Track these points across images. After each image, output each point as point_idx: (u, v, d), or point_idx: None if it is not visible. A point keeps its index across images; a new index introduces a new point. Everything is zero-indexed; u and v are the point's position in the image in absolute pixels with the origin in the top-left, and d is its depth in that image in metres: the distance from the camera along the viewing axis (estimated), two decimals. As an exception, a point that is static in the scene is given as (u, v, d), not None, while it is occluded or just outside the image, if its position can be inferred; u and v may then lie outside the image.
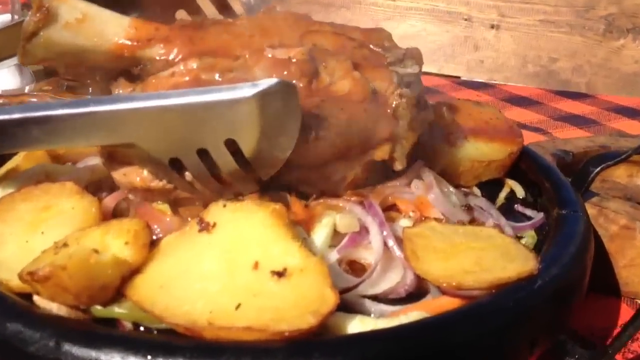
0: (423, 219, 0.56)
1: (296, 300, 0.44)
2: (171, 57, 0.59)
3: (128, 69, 0.61)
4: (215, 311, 0.43)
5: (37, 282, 0.43)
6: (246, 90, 0.49)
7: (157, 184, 0.56)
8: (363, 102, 0.58)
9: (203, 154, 0.53)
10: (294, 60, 0.58)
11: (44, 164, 0.64)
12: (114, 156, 0.57)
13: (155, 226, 0.58)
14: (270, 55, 0.59)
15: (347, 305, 0.49)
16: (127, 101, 0.51)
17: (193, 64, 0.58)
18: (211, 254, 0.48)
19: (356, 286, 0.50)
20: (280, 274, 0.46)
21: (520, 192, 0.69)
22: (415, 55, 0.64)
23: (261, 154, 0.53)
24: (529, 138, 1.06)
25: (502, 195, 0.70)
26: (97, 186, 0.63)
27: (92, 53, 0.59)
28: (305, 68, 0.58)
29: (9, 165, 0.66)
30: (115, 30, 0.58)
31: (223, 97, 0.50)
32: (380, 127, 0.58)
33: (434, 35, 2.06)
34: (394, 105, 0.58)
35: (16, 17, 1.21)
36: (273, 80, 0.50)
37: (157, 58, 0.59)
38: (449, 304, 0.49)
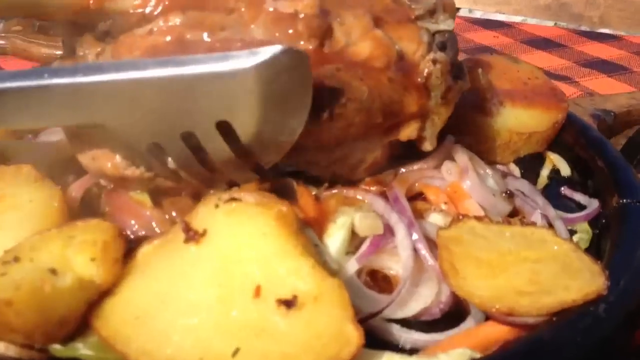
0: (460, 217, 0.46)
1: (309, 342, 0.35)
2: (148, 10, 0.48)
3: (94, 24, 0.50)
4: (207, 358, 0.34)
5: (-24, 321, 0.34)
6: (243, 60, 0.39)
7: (132, 171, 0.47)
8: (387, 69, 0.47)
9: (189, 138, 0.43)
10: (301, 15, 0.47)
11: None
12: (80, 136, 0.47)
13: (132, 221, 0.48)
14: (271, 9, 0.48)
15: (370, 332, 0.39)
16: (92, 72, 0.41)
17: (176, 20, 0.48)
18: (200, 275, 0.38)
19: (382, 310, 0.40)
20: (288, 304, 0.36)
21: (565, 170, 0.60)
22: (447, 6, 0.53)
23: (262, 138, 0.43)
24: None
25: (544, 173, 0.60)
26: (63, 167, 0.52)
27: (48, 5, 0.48)
28: (315, 25, 0.47)
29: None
30: (77, -25, 0.47)
31: (215, 68, 0.40)
32: (408, 100, 0.48)
33: None
34: (425, 73, 0.48)
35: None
36: (277, 47, 0.39)
37: (131, 11, 0.48)
38: (497, 333, 0.40)
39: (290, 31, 0.47)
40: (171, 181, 0.48)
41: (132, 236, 0.47)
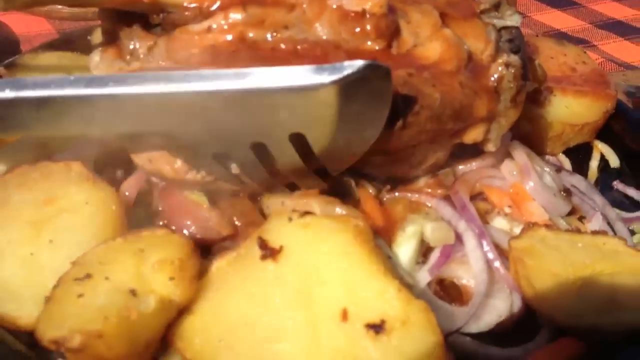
0: (528, 225, 0.46)
1: (404, 369, 0.35)
2: (205, 4, 0.46)
3: (145, 15, 0.48)
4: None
5: (67, 352, 0.33)
6: (325, 76, 0.38)
7: (193, 175, 0.46)
8: (458, 72, 0.46)
9: (259, 147, 0.42)
10: (368, 14, 0.45)
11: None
12: (136, 138, 0.45)
13: (189, 222, 0.47)
14: (335, 6, 0.46)
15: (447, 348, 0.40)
16: (160, 81, 0.39)
17: (236, 16, 0.46)
18: (282, 296, 0.38)
19: (461, 327, 0.41)
20: (377, 329, 0.37)
21: (614, 161, 0.60)
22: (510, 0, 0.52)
23: (334, 149, 0.42)
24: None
25: (593, 164, 0.61)
26: (107, 161, 0.51)
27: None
28: (383, 25, 0.46)
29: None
30: (129, -34, 0.45)
31: (295, 82, 0.38)
32: (478, 104, 0.47)
33: None
34: (496, 77, 0.47)
35: None
36: (360, 62, 0.38)
37: (186, 4, 0.46)
38: (575, 349, 0.41)
39: (358, 30, 0.46)
40: (231, 184, 0.47)
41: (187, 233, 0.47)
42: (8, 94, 0.41)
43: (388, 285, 0.39)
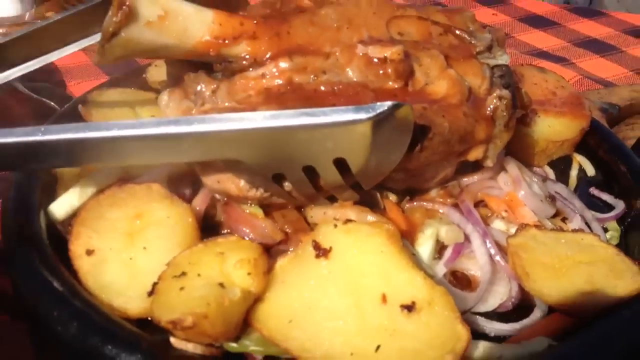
0: (522, 226, 0.56)
1: (431, 339, 0.45)
2: (258, 55, 0.56)
3: (210, 62, 0.58)
4: (356, 354, 0.44)
5: (181, 330, 0.43)
6: (363, 114, 0.48)
7: (254, 193, 0.56)
8: (462, 105, 0.56)
9: (308, 169, 0.52)
10: (389, 60, 0.56)
11: (121, 162, 0.62)
12: (209, 163, 0.56)
13: (248, 230, 0.57)
14: (361, 54, 0.57)
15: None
16: (235, 121, 0.49)
17: (284, 64, 0.56)
18: (335, 286, 0.48)
19: (472, 307, 0.51)
20: (409, 308, 0.47)
21: (590, 170, 0.70)
22: (500, 40, 0.63)
23: (368, 169, 0.52)
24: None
25: (573, 173, 0.71)
26: (176, 181, 0.61)
27: (174, 50, 0.56)
28: (401, 69, 0.56)
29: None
30: (198, 26, 0.55)
31: (338, 119, 0.48)
32: (478, 130, 0.57)
33: None
34: (492, 107, 0.57)
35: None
36: (389, 103, 0.48)
37: (242, 54, 0.56)
38: (563, 323, 0.51)
39: (381, 73, 0.56)
40: (283, 199, 0.57)
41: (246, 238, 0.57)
42: (116, 132, 0.51)
43: (415, 275, 0.49)
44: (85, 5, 0.63)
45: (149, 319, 0.48)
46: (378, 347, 0.45)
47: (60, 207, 0.59)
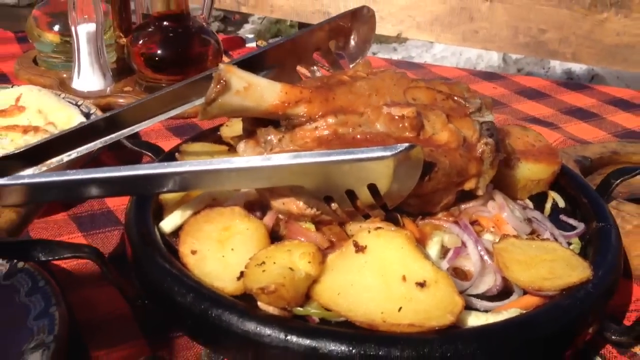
0: (502, 235, 0.75)
1: (437, 304, 0.63)
2: (313, 114, 0.76)
3: (277, 120, 0.78)
4: (385, 312, 0.62)
5: (265, 294, 0.62)
6: (388, 152, 0.67)
7: (309, 211, 0.74)
8: (458, 148, 0.76)
9: (350, 192, 0.72)
10: (406, 117, 0.76)
11: (210, 191, 0.82)
12: (276, 189, 0.75)
13: (303, 239, 0.76)
14: (386, 112, 0.77)
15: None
16: (303, 157, 0.68)
17: (331, 120, 0.76)
18: (369, 271, 0.66)
19: (466, 289, 0.69)
20: (422, 285, 0.65)
21: (561, 203, 0.88)
22: (487, 105, 0.83)
23: (392, 192, 0.71)
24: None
25: (548, 205, 0.88)
26: (250, 205, 0.81)
27: (253, 111, 0.76)
28: (414, 123, 0.76)
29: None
30: (270, 94, 0.75)
31: (371, 155, 0.68)
32: (471, 166, 0.76)
33: (432, 5, 2.21)
34: (480, 151, 0.77)
35: (100, 25, 1.33)
36: (406, 145, 0.67)
37: (301, 114, 0.76)
38: (532, 301, 0.68)
39: (400, 126, 0.76)
40: (330, 216, 0.77)
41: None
42: (217, 166, 0.71)
43: (426, 263, 0.66)
44: (186, 82, 0.85)
45: (239, 295, 0.67)
46: (400, 308, 0.63)
47: (167, 224, 0.78)
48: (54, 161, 0.78)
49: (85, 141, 0.82)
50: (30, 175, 0.75)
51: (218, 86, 0.72)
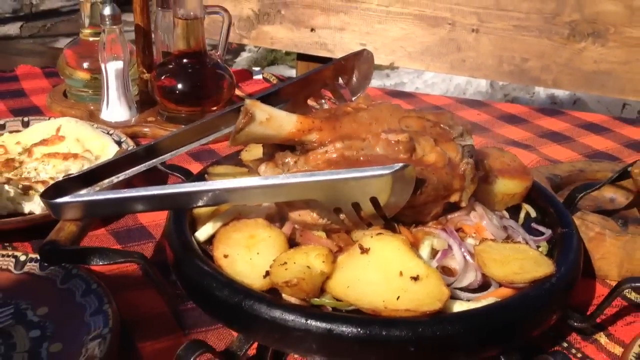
0: (482, 239, 0.88)
1: (428, 294, 0.76)
2: (323, 140, 0.90)
3: (293, 145, 0.92)
4: (386, 300, 0.75)
5: (289, 287, 0.75)
6: (387, 170, 0.80)
7: (322, 221, 0.87)
8: (444, 167, 0.89)
9: (355, 204, 0.85)
10: (400, 142, 0.89)
11: (236, 206, 0.95)
12: (293, 203, 0.89)
13: (316, 245, 0.89)
14: (384, 138, 0.90)
15: (447, 292, 0.81)
16: (317, 175, 0.81)
17: (338, 145, 0.89)
18: (372, 268, 0.79)
19: (452, 283, 0.83)
20: (415, 279, 0.77)
21: (533, 213, 1.01)
22: (468, 131, 0.96)
23: (390, 204, 0.84)
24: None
25: (522, 215, 1.01)
26: (271, 217, 0.94)
27: (273, 138, 0.89)
28: (407, 147, 0.89)
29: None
30: (288, 124, 0.88)
31: (373, 174, 0.81)
32: (455, 182, 0.89)
33: (422, 37, 2.34)
34: (462, 169, 0.90)
35: (126, 62, 1.47)
36: (401, 164, 0.80)
37: (313, 140, 0.90)
38: (506, 292, 0.81)
39: (396, 149, 0.89)
40: (339, 225, 0.89)
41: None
42: (246, 184, 0.84)
43: (419, 261, 0.79)
44: (216, 114, 0.98)
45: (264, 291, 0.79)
46: (398, 297, 0.75)
47: (202, 234, 0.90)
48: (105, 182, 0.91)
49: (130, 166, 0.95)
50: (87, 194, 0.88)
51: (245, 118, 0.85)
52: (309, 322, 0.72)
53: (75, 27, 1.60)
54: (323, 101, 1.05)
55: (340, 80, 1.07)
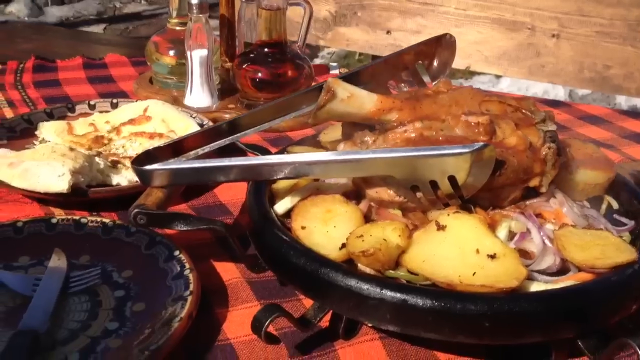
0: (563, 224, 0.87)
1: (505, 271, 0.75)
2: (403, 120, 0.90)
3: (372, 124, 0.93)
4: (462, 275, 0.75)
5: (365, 257, 0.76)
6: (466, 149, 0.81)
7: (398, 199, 0.88)
8: (525, 151, 0.88)
9: (433, 182, 0.85)
10: (480, 124, 0.89)
11: (315, 182, 0.97)
12: (371, 180, 0.90)
13: (392, 224, 0.90)
14: (464, 120, 0.90)
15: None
16: (396, 151, 0.82)
17: (418, 125, 0.90)
18: (448, 244, 0.79)
19: (530, 265, 0.82)
20: (492, 257, 0.77)
21: (615, 205, 0.98)
22: (550, 117, 0.95)
23: (468, 184, 0.84)
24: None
25: (604, 207, 0.98)
26: (347, 194, 0.95)
27: (353, 116, 0.91)
28: (488, 129, 0.89)
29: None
30: (369, 103, 0.89)
31: (452, 152, 0.81)
32: (536, 166, 0.88)
33: (500, 41, 2.31)
34: (544, 154, 0.89)
35: (211, 51, 1.51)
36: (481, 144, 0.80)
37: (393, 119, 0.91)
38: (586, 276, 0.80)
39: (476, 131, 0.89)
40: (415, 204, 0.90)
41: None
42: (327, 157, 0.86)
43: (496, 240, 0.79)
44: (298, 93, 1.01)
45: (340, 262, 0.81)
46: (474, 273, 0.75)
47: (280, 207, 0.93)
48: (191, 154, 0.95)
49: (213, 139, 0.98)
50: (174, 161, 0.92)
51: (327, 95, 0.87)
52: (383, 291, 0.73)
53: (155, 30, 1.68)
54: (403, 85, 1.06)
55: (421, 65, 1.07)
